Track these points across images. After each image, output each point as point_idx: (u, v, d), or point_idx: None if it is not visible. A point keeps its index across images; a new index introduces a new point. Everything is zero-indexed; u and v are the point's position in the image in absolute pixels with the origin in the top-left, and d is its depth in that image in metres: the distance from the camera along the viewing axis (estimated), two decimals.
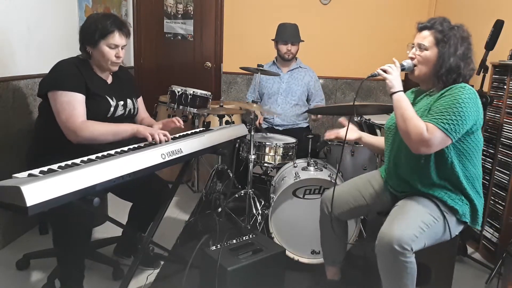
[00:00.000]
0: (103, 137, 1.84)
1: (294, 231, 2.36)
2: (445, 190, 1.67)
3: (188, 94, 2.81)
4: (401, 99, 1.62)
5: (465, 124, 1.56)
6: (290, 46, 3.19)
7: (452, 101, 1.57)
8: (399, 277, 1.56)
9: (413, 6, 4.20)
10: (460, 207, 1.66)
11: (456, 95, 1.58)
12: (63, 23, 2.90)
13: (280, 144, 2.69)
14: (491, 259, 2.48)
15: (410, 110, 1.59)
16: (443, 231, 1.63)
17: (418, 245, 1.54)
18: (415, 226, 1.55)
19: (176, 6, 4.36)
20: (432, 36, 1.66)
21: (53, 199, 1.23)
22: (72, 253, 1.85)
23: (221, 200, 2.90)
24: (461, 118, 1.54)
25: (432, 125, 1.55)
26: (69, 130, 1.80)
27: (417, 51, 1.70)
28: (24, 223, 2.62)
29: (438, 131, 1.54)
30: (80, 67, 1.91)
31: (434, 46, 1.66)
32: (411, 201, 1.68)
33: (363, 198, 1.92)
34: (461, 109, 1.55)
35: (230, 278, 1.81)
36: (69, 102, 1.81)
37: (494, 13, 2.66)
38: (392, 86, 1.64)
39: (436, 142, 1.54)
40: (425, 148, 1.56)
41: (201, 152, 1.97)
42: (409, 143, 1.59)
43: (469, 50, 1.66)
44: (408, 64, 1.72)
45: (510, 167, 2.39)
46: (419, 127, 1.54)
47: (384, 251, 1.55)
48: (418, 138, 1.54)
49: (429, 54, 1.67)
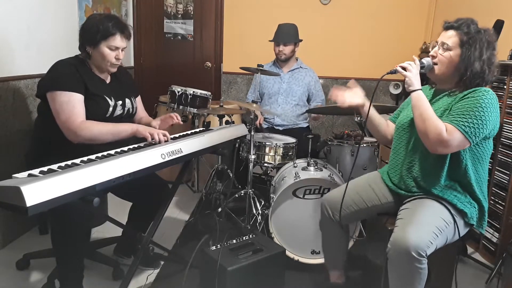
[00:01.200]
0: (103, 137, 1.84)
1: (294, 231, 2.36)
2: (455, 193, 1.66)
3: (188, 94, 2.80)
4: (420, 98, 1.61)
5: (485, 129, 1.55)
6: (282, 47, 3.19)
7: (475, 104, 1.55)
8: (411, 282, 1.54)
9: (413, 6, 4.20)
10: (469, 210, 1.65)
11: (480, 98, 1.56)
12: (63, 23, 2.90)
13: (280, 144, 2.69)
14: (491, 259, 2.48)
15: (429, 109, 1.58)
16: (453, 234, 1.63)
17: (431, 250, 1.53)
18: (429, 232, 1.53)
19: (176, 6, 4.36)
20: (457, 37, 1.62)
21: (53, 199, 1.23)
22: (71, 253, 1.85)
23: (221, 200, 2.90)
24: (482, 122, 1.53)
25: (452, 126, 1.54)
26: (68, 131, 1.80)
27: (439, 50, 1.67)
28: (24, 223, 2.62)
29: (458, 132, 1.53)
30: (79, 67, 1.91)
31: (458, 47, 1.62)
32: (422, 205, 1.65)
33: (363, 201, 1.90)
34: (483, 113, 1.54)
35: (230, 278, 1.81)
36: (68, 102, 1.81)
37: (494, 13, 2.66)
38: (411, 84, 1.63)
39: (454, 143, 1.54)
40: (443, 148, 1.55)
41: (201, 152, 1.97)
42: (426, 143, 1.58)
43: (493, 56, 1.64)
44: (428, 62, 1.69)
45: (510, 167, 2.39)
46: (438, 127, 1.53)
47: (398, 257, 1.52)
48: (437, 138, 1.53)
49: (452, 54, 1.64)
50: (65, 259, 1.86)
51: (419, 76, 1.64)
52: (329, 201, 1.94)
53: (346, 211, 1.92)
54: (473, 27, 1.62)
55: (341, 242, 2.03)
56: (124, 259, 2.31)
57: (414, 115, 1.63)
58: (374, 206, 1.90)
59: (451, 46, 1.63)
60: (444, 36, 1.67)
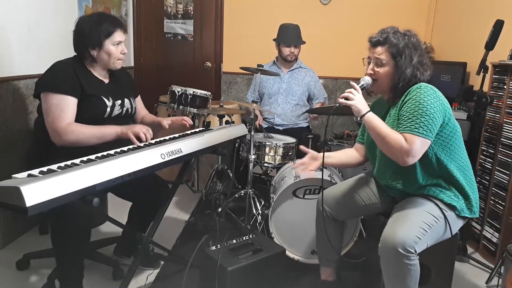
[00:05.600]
0: (87, 140, 1.83)
1: (294, 231, 2.36)
2: (440, 188, 1.68)
3: (188, 94, 2.80)
4: (371, 120, 1.63)
5: (436, 121, 1.58)
6: (293, 48, 3.20)
7: (415, 104, 1.59)
8: (403, 279, 1.57)
9: (413, 6, 4.20)
10: (457, 203, 1.67)
11: (416, 97, 1.61)
12: (63, 23, 2.90)
13: (280, 144, 2.69)
14: (491, 259, 2.48)
15: (384, 127, 1.61)
16: (444, 230, 1.64)
17: (421, 246, 1.55)
18: (417, 228, 1.56)
19: (176, 6, 4.36)
20: (387, 52, 1.68)
21: (53, 199, 1.23)
22: (71, 253, 1.85)
23: (221, 200, 2.90)
24: (430, 117, 1.56)
25: (408, 134, 1.56)
26: (54, 132, 1.80)
27: (374, 67, 1.73)
28: (24, 223, 2.62)
29: (415, 137, 1.55)
30: (77, 68, 1.91)
31: (391, 60, 1.68)
32: (410, 203, 1.68)
33: (360, 198, 1.93)
34: (425, 108, 1.57)
35: (230, 278, 1.81)
36: (57, 105, 1.81)
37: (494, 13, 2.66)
38: (359, 111, 1.65)
39: (417, 149, 1.56)
40: (411, 158, 1.57)
41: (201, 152, 1.97)
42: (394, 159, 1.60)
43: (423, 56, 1.69)
44: (367, 81, 1.75)
45: (510, 167, 2.39)
46: (397, 141, 1.56)
47: (388, 254, 1.55)
48: (400, 150, 1.55)
49: (387, 69, 1.70)
50: (65, 259, 1.86)
51: (363, 99, 1.67)
52: (326, 198, 1.96)
53: (344, 208, 1.95)
54: (397, 36, 1.67)
55: (335, 239, 2.02)
56: (124, 259, 2.31)
57: (373, 137, 1.66)
58: (372, 204, 1.92)
59: (385, 62, 1.69)
60: (375, 52, 1.72)
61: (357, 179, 2.02)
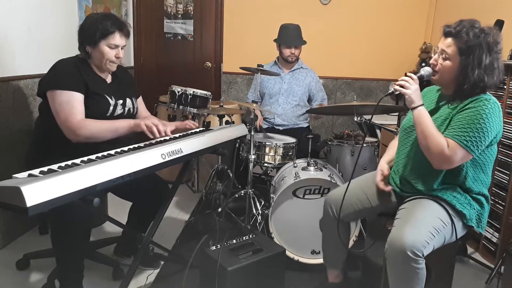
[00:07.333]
0: (102, 135, 1.84)
1: (294, 231, 2.36)
2: (455, 193, 1.65)
3: (188, 94, 2.80)
4: (421, 115, 1.58)
5: (487, 139, 1.54)
6: (293, 49, 3.19)
7: (476, 115, 1.53)
8: (409, 283, 1.54)
9: (413, 6, 4.20)
10: (468, 211, 1.64)
11: (480, 108, 1.54)
12: (63, 23, 2.90)
13: (280, 144, 2.69)
14: (491, 259, 2.48)
15: (431, 126, 1.56)
16: (451, 235, 1.62)
17: (428, 250, 1.53)
18: (426, 232, 1.53)
19: (176, 6, 4.36)
20: (455, 46, 1.56)
21: (53, 199, 1.23)
22: (71, 253, 1.85)
23: (221, 200, 2.90)
24: (483, 133, 1.52)
25: (453, 142, 1.53)
26: (68, 130, 1.81)
27: (439, 58, 1.63)
28: (24, 223, 2.62)
29: (460, 148, 1.52)
30: (80, 66, 1.92)
31: (457, 56, 1.57)
32: (420, 205, 1.64)
33: (368, 200, 1.88)
34: (484, 124, 1.52)
35: (230, 278, 1.81)
36: (68, 102, 1.81)
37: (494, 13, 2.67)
38: (412, 101, 1.60)
39: (457, 159, 1.53)
40: (446, 165, 1.55)
41: (201, 152, 1.97)
42: (429, 159, 1.58)
43: (495, 60, 1.56)
44: (427, 72, 1.66)
45: (510, 167, 2.39)
46: (440, 145, 1.52)
47: (395, 257, 1.52)
48: (439, 155, 1.53)
49: (450, 64, 1.59)
50: (65, 259, 1.86)
51: (419, 90, 1.61)
52: (334, 200, 1.92)
53: (350, 210, 1.90)
54: (473, 33, 1.54)
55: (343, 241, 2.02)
56: (124, 259, 2.31)
57: (416, 131, 1.61)
58: (377, 205, 1.88)
59: (450, 56, 1.58)
60: (444, 43, 1.61)
61: (362, 180, 1.97)
